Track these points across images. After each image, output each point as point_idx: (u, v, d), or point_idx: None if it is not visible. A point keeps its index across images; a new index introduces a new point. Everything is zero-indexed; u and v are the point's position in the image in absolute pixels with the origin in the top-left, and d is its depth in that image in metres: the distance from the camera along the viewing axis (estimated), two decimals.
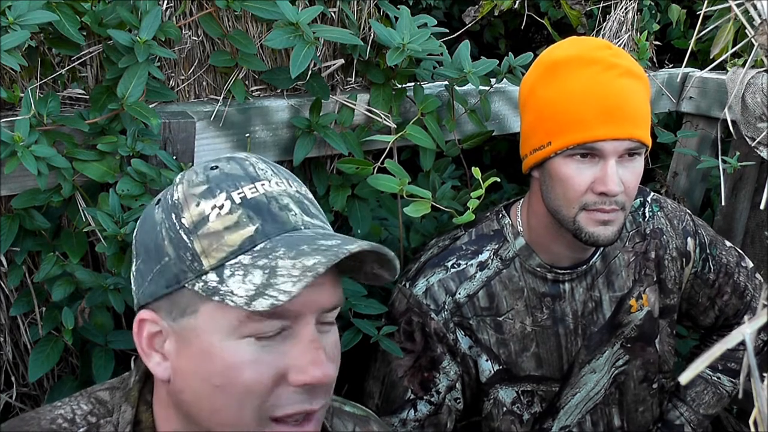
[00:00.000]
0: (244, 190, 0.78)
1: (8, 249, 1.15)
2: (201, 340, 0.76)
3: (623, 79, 1.21)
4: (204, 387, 0.76)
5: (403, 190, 1.29)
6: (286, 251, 0.74)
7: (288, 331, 0.76)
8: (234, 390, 0.75)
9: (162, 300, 0.79)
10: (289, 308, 0.73)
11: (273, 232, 0.76)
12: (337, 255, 0.72)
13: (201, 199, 0.77)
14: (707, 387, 1.56)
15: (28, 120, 1.04)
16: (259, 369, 0.74)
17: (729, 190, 1.95)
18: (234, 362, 0.74)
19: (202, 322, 0.76)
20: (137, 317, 0.81)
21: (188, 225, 0.77)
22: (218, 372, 0.75)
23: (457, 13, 2.63)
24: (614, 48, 1.25)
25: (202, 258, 0.76)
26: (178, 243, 0.77)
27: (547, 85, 1.24)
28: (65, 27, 1.08)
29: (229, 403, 0.75)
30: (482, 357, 1.34)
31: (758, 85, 1.68)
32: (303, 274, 0.71)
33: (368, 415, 1.03)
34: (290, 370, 0.75)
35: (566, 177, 1.22)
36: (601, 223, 1.23)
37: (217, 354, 0.75)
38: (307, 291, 0.72)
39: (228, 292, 0.73)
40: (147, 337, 0.80)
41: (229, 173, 0.79)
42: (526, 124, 1.29)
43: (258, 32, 1.31)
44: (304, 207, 0.80)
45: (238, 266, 0.74)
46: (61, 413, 0.85)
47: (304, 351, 0.75)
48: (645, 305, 1.42)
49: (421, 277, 1.33)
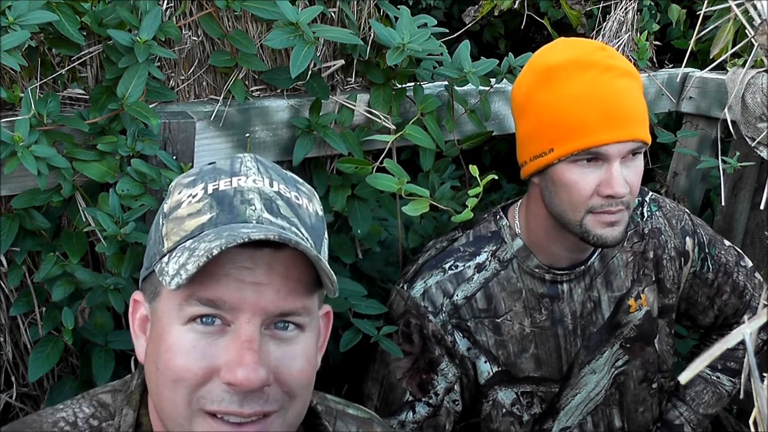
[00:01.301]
0: (219, 183, 0.79)
1: (8, 249, 1.15)
2: (160, 323, 0.78)
3: (621, 80, 1.21)
4: (152, 369, 0.78)
5: (402, 189, 1.29)
6: (212, 237, 0.74)
7: (231, 327, 0.75)
8: (168, 374, 0.75)
9: (145, 282, 0.83)
10: (222, 299, 0.73)
11: (222, 222, 0.77)
12: (234, 239, 0.71)
13: (184, 188, 0.81)
14: (707, 386, 1.56)
15: (28, 120, 1.04)
16: (191, 357, 0.74)
17: (729, 190, 1.95)
18: (172, 346, 0.75)
19: (162, 305, 0.78)
20: (132, 296, 0.84)
21: (166, 210, 0.81)
22: (161, 355, 0.76)
23: (457, 13, 2.63)
24: (608, 49, 1.25)
25: (165, 240, 0.79)
26: (156, 226, 0.82)
27: (546, 91, 1.23)
28: (65, 27, 1.08)
29: (165, 387, 0.76)
30: (481, 359, 1.34)
31: (758, 85, 1.68)
32: (204, 256, 0.71)
33: (372, 418, 1.03)
34: (222, 367, 0.74)
35: (571, 182, 1.22)
36: (608, 225, 1.23)
37: (164, 337, 0.76)
38: (246, 288, 0.73)
39: (166, 272, 0.74)
40: (140, 319, 0.83)
41: (217, 168, 0.82)
42: (524, 131, 1.28)
43: (258, 32, 1.31)
44: (272, 206, 0.79)
45: (181, 249, 0.75)
46: (63, 416, 0.85)
47: (236, 349, 0.74)
48: (644, 305, 1.42)
49: (419, 279, 1.33)
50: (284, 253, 0.76)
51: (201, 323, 0.75)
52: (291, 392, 0.77)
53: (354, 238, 1.52)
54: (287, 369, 0.76)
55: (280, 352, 0.76)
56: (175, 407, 0.75)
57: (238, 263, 0.74)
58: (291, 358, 0.77)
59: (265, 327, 0.76)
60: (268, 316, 0.75)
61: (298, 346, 0.78)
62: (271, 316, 0.76)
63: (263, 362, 0.74)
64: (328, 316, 0.90)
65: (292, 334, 0.77)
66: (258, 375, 0.72)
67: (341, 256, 1.46)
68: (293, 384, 0.77)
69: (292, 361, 0.77)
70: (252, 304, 0.74)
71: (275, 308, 0.75)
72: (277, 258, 0.75)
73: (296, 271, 0.76)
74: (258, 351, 0.73)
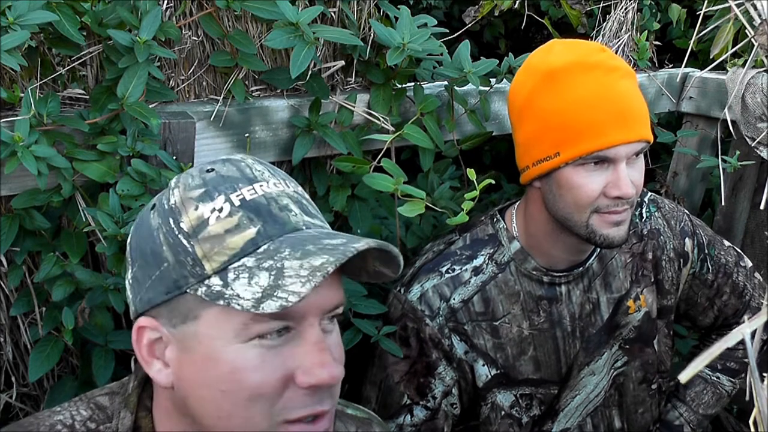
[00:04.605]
0: (243, 192, 0.77)
1: (8, 249, 1.15)
2: (204, 345, 0.75)
3: (624, 81, 1.21)
4: (210, 393, 0.76)
5: (398, 189, 1.29)
6: (291, 252, 0.73)
7: (292, 333, 0.75)
8: (241, 394, 0.74)
9: (161, 306, 0.77)
10: (295, 309, 0.73)
11: (275, 234, 0.75)
12: (344, 254, 0.71)
13: (199, 202, 0.76)
14: (707, 387, 1.56)
15: (28, 120, 1.04)
16: (265, 371, 0.74)
17: (729, 190, 1.95)
18: (240, 366, 0.74)
19: (205, 327, 0.75)
20: (136, 325, 0.79)
21: (187, 229, 0.75)
22: (224, 377, 0.74)
23: (457, 13, 2.63)
24: (607, 50, 1.24)
25: (203, 262, 0.74)
26: (177, 248, 0.75)
27: (549, 94, 1.21)
28: (65, 27, 1.08)
29: (237, 407, 0.75)
30: (479, 362, 1.34)
31: (758, 85, 1.68)
32: (312, 274, 0.70)
33: (371, 418, 1.03)
34: (297, 372, 0.74)
35: (578, 185, 1.21)
36: (614, 225, 1.23)
37: (222, 359, 0.74)
38: (312, 292, 0.71)
39: (234, 295, 0.72)
40: (147, 345, 0.79)
41: (226, 175, 0.78)
42: (526, 135, 1.26)
43: (258, 32, 1.31)
44: (304, 207, 0.80)
45: (242, 269, 0.73)
46: (60, 419, 0.84)
47: (310, 352, 0.75)
48: (643, 306, 1.42)
49: (416, 283, 1.32)
50: None
51: (268, 338, 0.74)
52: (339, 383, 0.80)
53: None
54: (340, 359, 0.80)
55: (331, 345, 0.79)
56: (252, 425, 0.75)
57: None
58: (338, 347, 0.80)
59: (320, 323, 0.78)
60: (325, 314, 0.78)
61: (337, 335, 0.81)
62: (327, 313, 0.78)
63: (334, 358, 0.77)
64: None
65: (333, 326, 0.80)
66: (340, 371, 0.77)
67: None
68: None
69: (340, 350, 0.80)
70: (315, 307, 0.76)
71: (330, 305, 0.78)
72: None
73: None
74: (328, 349, 0.76)
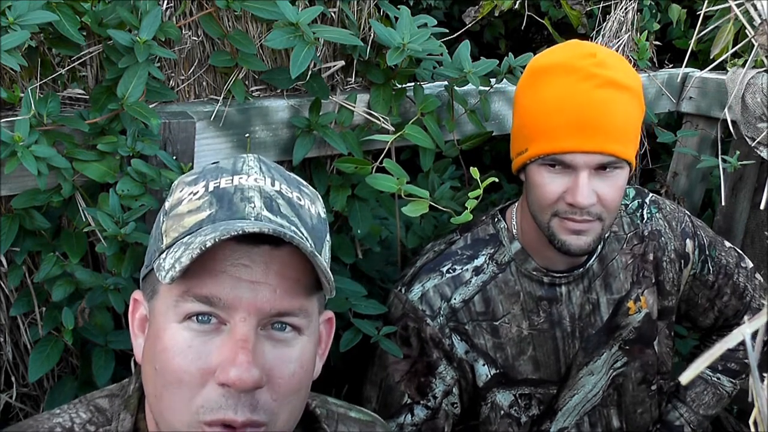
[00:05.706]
0: (221, 181, 0.79)
1: (8, 249, 1.15)
2: (156, 321, 0.77)
3: (602, 90, 1.17)
4: (149, 369, 0.76)
5: (401, 189, 1.29)
6: (209, 231, 0.73)
7: (226, 327, 0.74)
8: (167, 377, 0.73)
9: (145, 281, 0.82)
10: (219, 297, 0.72)
11: (221, 218, 0.76)
12: (228, 232, 0.70)
13: (186, 185, 0.81)
14: (707, 387, 1.56)
15: (28, 120, 1.04)
16: (187, 357, 0.72)
17: (729, 190, 1.95)
18: (169, 346, 0.74)
19: (159, 303, 0.77)
20: (132, 296, 0.84)
21: (167, 207, 0.81)
22: (158, 355, 0.74)
23: (457, 13, 2.63)
24: (601, 56, 1.19)
25: (164, 237, 0.78)
26: (157, 224, 0.81)
27: (528, 92, 1.24)
28: (65, 27, 1.08)
29: (165, 389, 0.74)
30: (479, 361, 1.34)
31: (758, 85, 1.68)
32: (197, 248, 0.70)
33: (374, 420, 1.02)
34: (217, 367, 0.72)
35: (540, 185, 1.22)
36: (573, 233, 1.22)
37: (161, 336, 0.75)
38: (243, 286, 0.72)
39: (162, 267, 0.73)
40: (139, 319, 0.83)
41: (220, 167, 0.82)
42: (513, 128, 1.30)
43: (258, 32, 1.31)
44: (272, 204, 0.78)
45: (179, 245, 0.74)
46: (59, 421, 0.84)
47: (228, 348, 0.72)
48: (643, 307, 1.42)
49: (417, 283, 1.32)
50: (282, 252, 0.75)
51: (197, 321, 0.73)
52: (280, 399, 0.75)
53: (354, 238, 1.52)
54: (280, 372, 0.74)
55: (274, 354, 0.74)
56: (174, 413, 0.74)
57: (235, 260, 0.73)
58: (285, 360, 0.75)
59: (262, 327, 0.74)
60: (263, 315, 0.74)
61: (293, 349, 0.76)
62: (267, 316, 0.74)
63: (257, 362, 0.72)
64: (330, 322, 0.88)
65: (289, 336, 0.76)
66: (251, 375, 0.70)
67: (341, 256, 1.45)
68: (284, 388, 0.75)
69: (286, 363, 0.75)
70: (247, 302, 0.73)
71: (271, 308, 0.74)
72: (274, 256, 0.74)
73: (294, 270, 0.75)
74: (252, 351, 0.72)
